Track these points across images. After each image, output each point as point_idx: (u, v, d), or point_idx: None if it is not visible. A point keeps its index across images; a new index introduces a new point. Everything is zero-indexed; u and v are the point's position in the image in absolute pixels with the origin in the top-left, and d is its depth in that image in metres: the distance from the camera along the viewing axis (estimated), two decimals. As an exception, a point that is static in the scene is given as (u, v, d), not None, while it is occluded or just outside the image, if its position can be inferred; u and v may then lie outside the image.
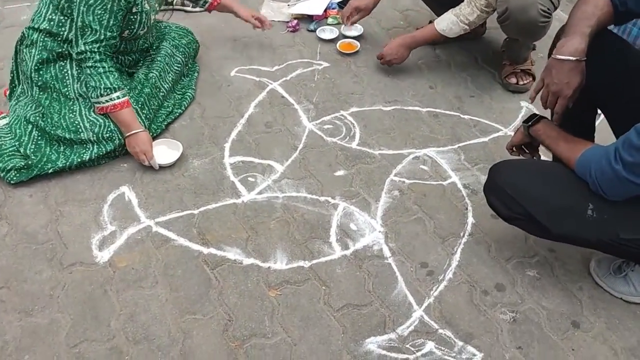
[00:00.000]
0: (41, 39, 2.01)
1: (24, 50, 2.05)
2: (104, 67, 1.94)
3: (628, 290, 1.68)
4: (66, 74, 2.03)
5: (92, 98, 1.97)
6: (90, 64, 1.93)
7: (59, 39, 2.01)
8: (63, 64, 2.03)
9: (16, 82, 2.16)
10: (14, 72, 2.15)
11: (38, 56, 2.01)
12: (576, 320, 1.65)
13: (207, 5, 2.46)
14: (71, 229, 1.83)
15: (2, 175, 1.94)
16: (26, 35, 2.05)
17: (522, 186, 1.53)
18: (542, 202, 1.49)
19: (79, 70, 2.02)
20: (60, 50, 2.02)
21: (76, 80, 2.02)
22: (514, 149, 1.73)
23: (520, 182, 1.55)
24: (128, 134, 1.99)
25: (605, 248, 1.53)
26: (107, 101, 1.95)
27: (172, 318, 1.60)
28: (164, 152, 2.08)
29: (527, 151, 1.72)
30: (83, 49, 1.92)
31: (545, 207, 1.49)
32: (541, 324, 1.64)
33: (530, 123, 1.61)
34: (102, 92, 1.94)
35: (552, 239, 1.60)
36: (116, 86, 1.96)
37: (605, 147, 1.40)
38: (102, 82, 1.94)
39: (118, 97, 1.96)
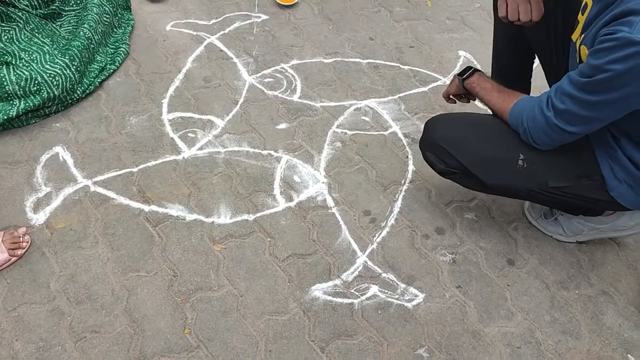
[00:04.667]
0: None
1: None
2: None
3: (558, 231, 1.77)
4: None
5: None
6: None
7: None
8: None
9: None
10: None
11: None
12: (511, 258, 1.73)
13: None
14: (2, 192, 1.74)
15: None
16: None
17: (456, 140, 1.55)
18: (475, 154, 1.52)
19: None
20: None
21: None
22: (451, 96, 1.75)
23: (455, 135, 1.56)
24: None
25: (536, 198, 1.57)
26: None
27: (114, 277, 1.57)
28: None
29: (463, 96, 1.74)
30: None
31: (478, 159, 1.52)
32: (479, 264, 1.71)
33: (464, 76, 1.61)
34: None
35: (487, 192, 1.64)
36: None
37: (537, 97, 1.42)
38: None
39: None
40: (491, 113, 1.58)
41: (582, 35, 1.33)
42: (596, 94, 1.23)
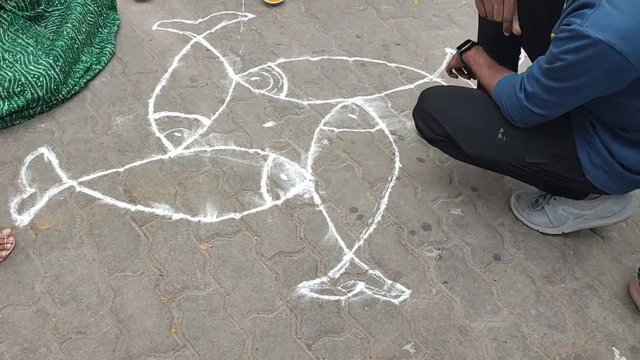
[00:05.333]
0: None
1: None
2: None
3: (544, 222, 1.78)
4: None
5: None
6: None
7: None
8: None
9: None
10: None
11: None
12: (497, 254, 1.74)
13: None
14: (-14, 193, 1.74)
15: None
16: None
17: (445, 109, 1.62)
18: (459, 124, 1.59)
19: None
20: None
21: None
22: (453, 71, 1.80)
23: (444, 106, 1.63)
24: None
25: (514, 172, 1.63)
26: None
27: (100, 277, 1.56)
28: None
29: (465, 73, 1.77)
30: None
31: (461, 129, 1.58)
32: (465, 259, 1.71)
33: (463, 49, 1.68)
34: None
35: (470, 162, 1.70)
36: None
37: (515, 76, 1.48)
38: None
39: None
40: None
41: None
42: (556, 80, 1.31)
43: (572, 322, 1.59)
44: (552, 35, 1.36)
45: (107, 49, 2.24)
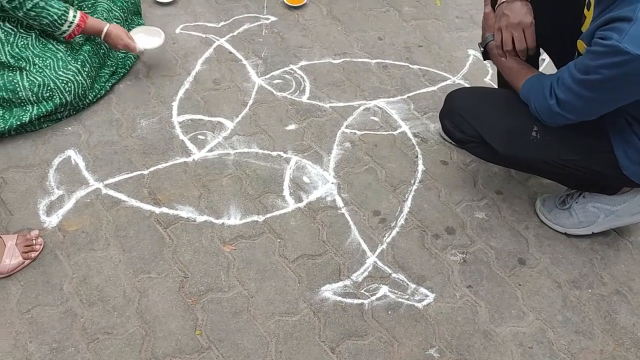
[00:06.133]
0: None
1: None
2: (42, 0, 1.87)
3: (572, 223, 1.75)
4: None
5: (55, 33, 1.95)
6: (29, 6, 1.83)
7: None
8: None
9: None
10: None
11: None
12: (522, 258, 1.72)
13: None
14: (16, 195, 1.77)
15: (-62, 143, 1.85)
16: None
17: (474, 109, 1.61)
18: (491, 124, 1.58)
19: (5, 32, 1.89)
20: None
21: (5, 44, 1.90)
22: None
23: (473, 105, 1.62)
24: (102, 38, 2.03)
25: (546, 170, 1.62)
26: (69, 27, 1.94)
27: (126, 278, 1.58)
28: (145, 38, 2.16)
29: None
30: None
31: (494, 128, 1.57)
32: (490, 263, 1.70)
33: (485, 44, 1.67)
34: (59, 22, 1.91)
35: (500, 162, 1.69)
36: (65, 8, 1.93)
37: (543, 80, 1.46)
38: (51, 13, 1.89)
39: (74, 17, 1.95)
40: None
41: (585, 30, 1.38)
42: (590, 90, 1.31)
43: (600, 328, 1.57)
44: (580, 43, 1.35)
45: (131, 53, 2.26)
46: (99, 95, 2.08)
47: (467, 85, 2.29)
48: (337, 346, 1.48)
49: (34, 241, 1.60)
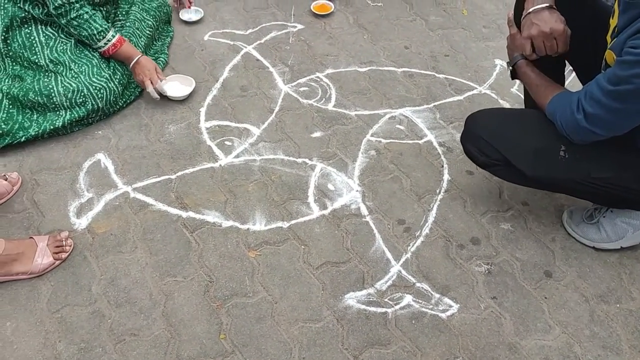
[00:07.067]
0: (1, 6, 1.95)
1: None
2: (87, 13, 1.96)
3: (600, 237, 1.73)
4: (34, 42, 1.97)
5: (92, 45, 2.03)
6: (73, 15, 1.91)
7: (19, 2, 1.95)
8: (29, 30, 1.98)
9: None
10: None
11: (1, 25, 1.95)
12: (549, 270, 1.70)
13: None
14: (47, 197, 1.81)
15: (-27, 146, 1.90)
16: None
17: (498, 131, 1.57)
18: (517, 145, 1.53)
19: (46, 36, 1.97)
20: (23, 15, 1.95)
21: (45, 47, 1.97)
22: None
23: (496, 127, 1.58)
24: (131, 65, 2.08)
25: (577, 189, 1.57)
26: (105, 44, 2.02)
27: (152, 281, 1.61)
28: (177, 86, 2.19)
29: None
30: (60, 2, 1.89)
31: (520, 150, 1.53)
32: (515, 275, 1.68)
33: (514, 62, 1.63)
34: (97, 37, 2.00)
35: (528, 184, 1.64)
36: (106, 27, 2.02)
37: (570, 96, 1.44)
38: (92, 27, 1.98)
39: (113, 36, 2.03)
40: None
41: (612, 40, 1.35)
42: (622, 102, 1.28)
43: (629, 344, 1.54)
44: (609, 53, 1.33)
45: (161, 59, 2.31)
46: (128, 101, 2.12)
47: (493, 96, 2.28)
48: (360, 354, 1.48)
49: (64, 242, 1.64)
